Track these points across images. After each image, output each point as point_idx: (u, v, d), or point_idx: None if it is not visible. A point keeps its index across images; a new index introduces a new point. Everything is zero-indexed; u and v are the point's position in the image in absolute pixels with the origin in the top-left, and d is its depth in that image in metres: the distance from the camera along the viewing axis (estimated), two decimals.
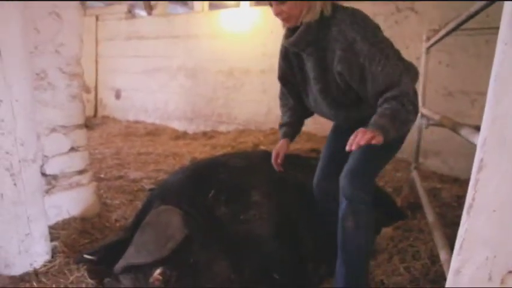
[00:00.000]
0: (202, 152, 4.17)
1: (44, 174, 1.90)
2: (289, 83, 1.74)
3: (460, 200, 2.47)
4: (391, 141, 1.34)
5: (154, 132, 5.42)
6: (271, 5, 1.45)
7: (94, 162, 3.37)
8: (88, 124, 3.33)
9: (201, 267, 1.57)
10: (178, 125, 5.63)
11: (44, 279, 1.50)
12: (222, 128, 5.16)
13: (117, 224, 2.13)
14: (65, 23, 1.91)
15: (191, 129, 5.45)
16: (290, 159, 2.21)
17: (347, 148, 1.25)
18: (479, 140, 0.75)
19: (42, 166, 1.88)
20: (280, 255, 1.68)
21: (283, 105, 1.87)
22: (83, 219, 2.05)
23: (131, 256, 1.53)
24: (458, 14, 1.62)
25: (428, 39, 2.56)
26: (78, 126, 2.05)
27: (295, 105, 1.80)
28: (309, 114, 1.85)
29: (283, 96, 1.85)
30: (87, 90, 6.54)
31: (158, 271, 1.49)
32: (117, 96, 6.57)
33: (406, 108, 1.33)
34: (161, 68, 5.86)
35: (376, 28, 1.45)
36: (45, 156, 1.91)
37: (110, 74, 6.63)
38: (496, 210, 0.73)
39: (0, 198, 1.49)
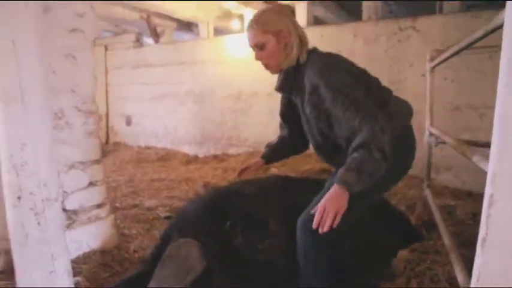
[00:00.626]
0: (214, 175, 4.21)
1: (64, 210, 1.95)
2: (288, 120, 1.85)
3: (476, 217, 2.47)
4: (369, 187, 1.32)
5: (165, 157, 5.49)
6: (253, 50, 1.57)
7: (109, 191, 3.42)
8: None
9: None
10: (189, 149, 5.70)
11: None
12: (233, 151, 5.22)
13: (136, 255, 2.17)
14: (79, 64, 2.00)
15: (202, 152, 5.52)
16: (300, 182, 2.25)
17: (313, 227, 1.31)
18: (488, 175, 0.78)
19: (62, 202, 1.93)
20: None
21: (279, 132, 1.97)
22: (102, 252, 2.09)
23: None
24: (460, 32, 1.67)
25: (432, 59, 2.60)
26: (95, 162, 2.11)
27: (287, 138, 1.90)
28: (296, 151, 1.95)
29: (280, 126, 1.96)
30: (99, 118, 6.68)
31: None
32: (128, 122, 6.69)
33: (374, 157, 1.27)
34: (169, 94, 5.99)
35: (345, 72, 1.43)
36: (65, 192, 1.97)
37: (120, 101, 6.78)
38: (509, 243, 0.75)
39: (25, 238, 1.54)
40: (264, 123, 4.90)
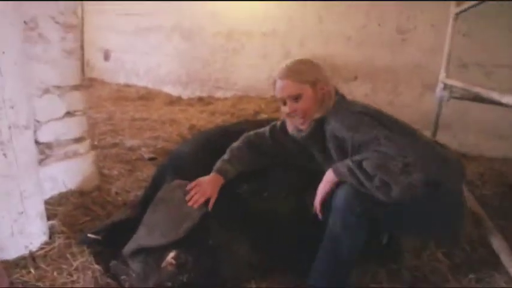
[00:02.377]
0: (200, 118, 3.95)
1: (36, 142, 1.66)
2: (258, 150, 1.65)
3: (483, 178, 2.36)
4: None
5: (147, 96, 5.15)
6: (284, 103, 1.45)
7: None
8: None
9: (220, 250, 1.41)
10: (172, 90, 5.35)
11: (42, 265, 1.31)
12: (220, 94, 4.90)
13: (119, 198, 1.94)
14: None
15: (186, 94, 5.18)
16: None
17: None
18: None
19: (34, 133, 1.64)
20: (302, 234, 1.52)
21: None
22: (81, 192, 1.84)
23: (142, 237, 1.35)
24: None
25: (458, 3, 2.34)
26: (75, 87, 1.80)
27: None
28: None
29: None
30: None
31: (172, 254, 1.32)
32: (106, 57, 6.21)
33: (371, 181, 1.16)
34: (154, 27, 5.49)
35: (360, 114, 1.34)
36: (37, 121, 1.67)
37: (97, 32, 6.22)
38: None
39: None
40: (256, 66, 4.56)
